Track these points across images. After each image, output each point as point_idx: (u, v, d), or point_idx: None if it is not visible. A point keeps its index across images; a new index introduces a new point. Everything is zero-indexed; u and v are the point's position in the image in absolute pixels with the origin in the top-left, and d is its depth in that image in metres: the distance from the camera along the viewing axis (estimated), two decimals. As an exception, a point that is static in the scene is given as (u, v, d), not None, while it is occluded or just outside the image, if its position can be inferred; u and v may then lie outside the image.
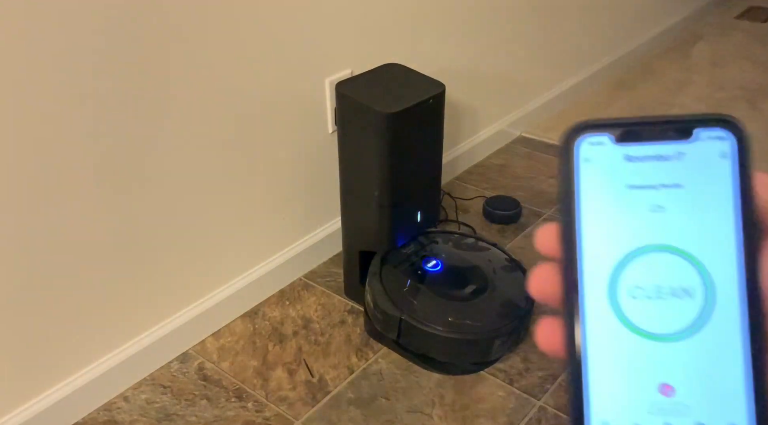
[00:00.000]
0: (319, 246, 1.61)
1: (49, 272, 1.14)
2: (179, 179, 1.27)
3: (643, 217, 0.27)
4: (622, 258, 0.27)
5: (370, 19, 1.52)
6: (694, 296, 0.27)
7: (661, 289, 0.27)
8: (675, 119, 0.27)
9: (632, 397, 0.27)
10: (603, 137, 0.28)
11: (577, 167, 0.28)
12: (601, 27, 2.46)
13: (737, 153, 0.27)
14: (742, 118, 0.28)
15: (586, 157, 0.28)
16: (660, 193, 0.27)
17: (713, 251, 0.27)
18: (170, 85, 1.19)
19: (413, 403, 1.28)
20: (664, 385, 0.26)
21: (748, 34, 2.99)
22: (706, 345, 0.26)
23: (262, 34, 1.30)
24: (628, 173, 0.27)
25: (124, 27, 1.09)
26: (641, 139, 0.27)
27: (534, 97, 2.23)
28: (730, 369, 0.26)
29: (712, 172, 0.27)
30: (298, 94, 1.42)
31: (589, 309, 0.27)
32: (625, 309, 0.27)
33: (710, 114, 0.27)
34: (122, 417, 1.26)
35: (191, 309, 1.40)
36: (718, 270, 0.26)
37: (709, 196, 0.27)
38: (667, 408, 0.26)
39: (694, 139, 0.27)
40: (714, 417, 0.26)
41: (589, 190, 0.27)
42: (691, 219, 0.27)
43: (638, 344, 0.27)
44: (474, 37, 1.86)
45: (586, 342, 0.27)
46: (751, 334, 0.26)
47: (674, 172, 0.27)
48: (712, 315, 0.26)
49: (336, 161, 1.40)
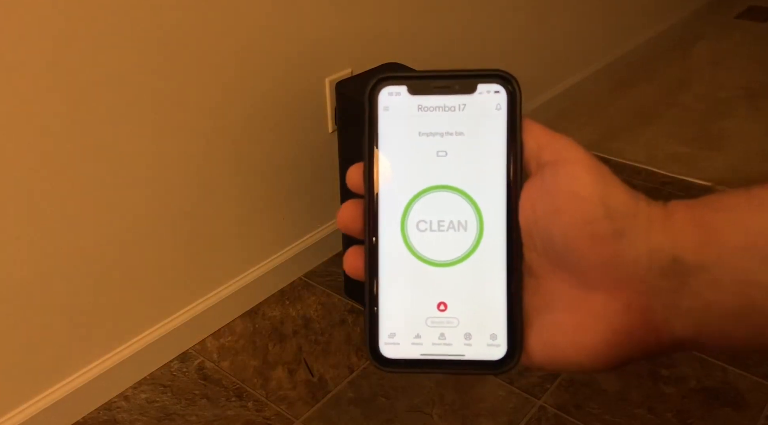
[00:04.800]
0: (319, 245, 1.61)
1: (49, 271, 1.14)
2: (179, 178, 1.27)
3: (430, 161, 0.31)
4: (412, 196, 0.31)
5: (370, 19, 1.52)
6: (468, 228, 0.31)
7: (441, 223, 0.31)
8: (461, 74, 0.31)
9: (415, 313, 0.31)
10: (401, 88, 0.31)
11: (378, 115, 0.31)
12: (602, 26, 2.46)
13: (509, 105, 0.30)
14: (742, 118, 0.28)
15: (385, 105, 0.31)
16: (444, 140, 0.31)
17: (485, 191, 0.31)
18: (170, 84, 1.19)
19: (413, 402, 1.28)
20: (441, 302, 0.31)
21: (748, 34, 2.99)
22: (475, 270, 0.31)
23: (262, 33, 1.30)
24: (419, 121, 0.31)
25: (123, 27, 1.09)
26: (432, 91, 0.31)
27: (534, 97, 2.23)
28: (493, 289, 0.31)
29: (489, 122, 0.31)
30: (298, 93, 1.42)
31: (383, 239, 0.31)
32: (412, 240, 0.31)
33: (489, 69, 0.31)
34: (122, 417, 1.26)
35: (191, 309, 1.40)
36: (489, 207, 0.31)
37: (485, 142, 0.31)
38: (442, 321, 0.31)
39: (477, 93, 0.31)
40: (479, 328, 0.31)
41: (387, 136, 0.31)
42: (469, 163, 0.31)
43: (422, 269, 0.31)
44: (473, 36, 1.86)
45: (379, 267, 0.31)
46: (508, 261, 0.30)
47: (457, 121, 0.31)
48: (480, 244, 0.31)
49: (336, 161, 1.40)
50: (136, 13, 1.10)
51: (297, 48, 1.37)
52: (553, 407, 1.26)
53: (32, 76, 1.01)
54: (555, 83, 2.31)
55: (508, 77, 0.31)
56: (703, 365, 1.33)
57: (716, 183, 1.90)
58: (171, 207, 1.28)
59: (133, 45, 1.11)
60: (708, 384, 1.30)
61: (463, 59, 1.84)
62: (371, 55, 1.50)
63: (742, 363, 1.33)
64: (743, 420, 1.23)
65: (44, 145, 1.06)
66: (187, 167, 1.27)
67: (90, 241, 1.17)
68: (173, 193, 1.27)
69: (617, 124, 2.27)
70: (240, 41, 1.27)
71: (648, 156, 2.06)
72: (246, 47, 1.28)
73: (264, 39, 1.31)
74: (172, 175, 1.26)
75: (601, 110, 2.36)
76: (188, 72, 1.20)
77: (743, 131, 2.19)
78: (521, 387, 1.30)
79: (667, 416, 1.24)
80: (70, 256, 1.15)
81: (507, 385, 1.30)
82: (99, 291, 1.22)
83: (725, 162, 2.02)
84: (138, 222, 1.23)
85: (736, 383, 1.30)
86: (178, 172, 1.26)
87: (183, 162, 1.26)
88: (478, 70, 0.31)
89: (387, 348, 0.31)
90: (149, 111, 1.18)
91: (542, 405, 1.27)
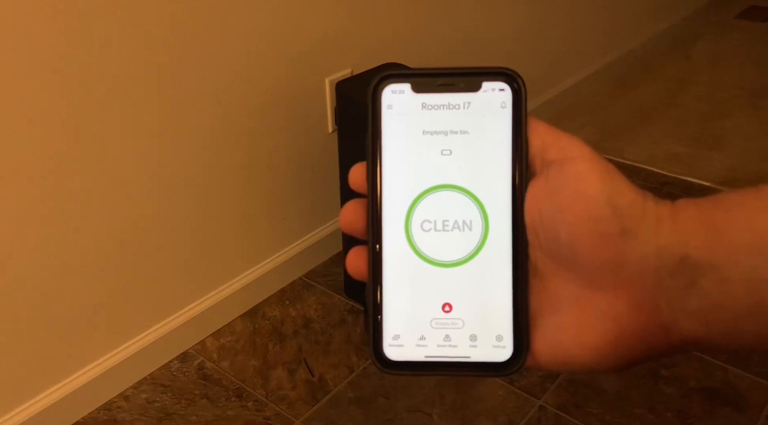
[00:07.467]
0: (319, 245, 1.61)
1: (49, 271, 1.14)
2: (178, 178, 1.27)
3: (434, 160, 0.30)
4: (416, 195, 0.31)
5: (370, 19, 1.52)
6: (473, 228, 0.30)
7: (446, 223, 0.30)
8: (466, 72, 0.30)
9: (419, 314, 0.30)
10: (404, 86, 0.31)
11: (381, 113, 0.31)
12: (601, 26, 2.46)
13: (514, 103, 0.30)
14: (743, 118, 0.28)
15: (388, 103, 0.31)
16: (449, 138, 0.30)
17: (490, 190, 0.30)
18: (170, 83, 1.19)
19: (413, 402, 1.28)
20: (446, 303, 0.30)
21: (748, 34, 2.99)
22: (480, 270, 0.30)
23: (262, 33, 1.30)
24: (423, 119, 0.31)
25: (123, 26, 1.09)
26: (436, 89, 0.31)
27: (534, 97, 2.23)
28: (498, 289, 0.30)
29: (494, 120, 0.30)
30: (298, 93, 1.42)
31: (387, 239, 0.31)
32: (416, 240, 0.31)
33: (494, 67, 0.30)
34: (122, 417, 1.26)
35: (191, 309, 1.40)
36: (494, 206, 0.30)
37: (489, 141, 0.30)
38: (447, 322, 0.30)
39: (482, 91, 0.30)
40: (484, 330, 0.30)
41: (391, 134, 0.31)
42: (473, 161, 0.30)
43: (426, 270, 0.30)
44: (473, 36, 1.86)
45: (383, 268, 0.31)
46: (513, 261, 0.30)
47: (462, 119, 0.30)
48: (485, 244, 0.30)
49: (336, 161, 1.40)
50: (136, 14, 1.09)
51: (297, 48, 1.37)
52: (553, 407, 1.26)
53: (33, 77, 1.01)
54: (555, 83, 2.31)
55: (513, 75, 0.30)
56: (703, 365, 1.33)
57: (716, 183, 1.90)
58: (171, 207, 1.28)
59: (133, 45, 1.11)
60: (708, 384, 1.30)
61: (463, 59, 1.84)
62: (371, 55, 1.50)
63: (742, 363, 1.33)
64: (743, 420, 1.23)
65: (42, 145, 1.06)
66: (187, 167, 1.27)
67: (90, 241, 1.17)
68: (173, 192, 1.27)
69: (617, 124, 2.27)
70: (240, 41, 1.27)
71: (648, 156, 2.06)
72: (246, 47, 1.28)
73: (264, 39, 1.31)
74: (172, 175, 1.26)
75: (601, 110, 2.36)
76: (188, 72, 1.20)
77: (743, 131, 2.19)
78: (521, 387, 1.30)
79: (667, 416, 1.24)
80: (69, 256, 1.15)
81: (507, 385, 1.30)
82: (99, 291, 1.22)
83: (725, 162, 2.02)
84: (138, 222, 1.23)
85: (736, 383, 1.30)
86: (177, 171, 1.26)
87: (182, 162, 1.26)
88: (483, 68, 0.30)
89: (391, 350, 0.30)
90: (149, 111, 1.17)
91: (542, 405, 1.27)
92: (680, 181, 1.94)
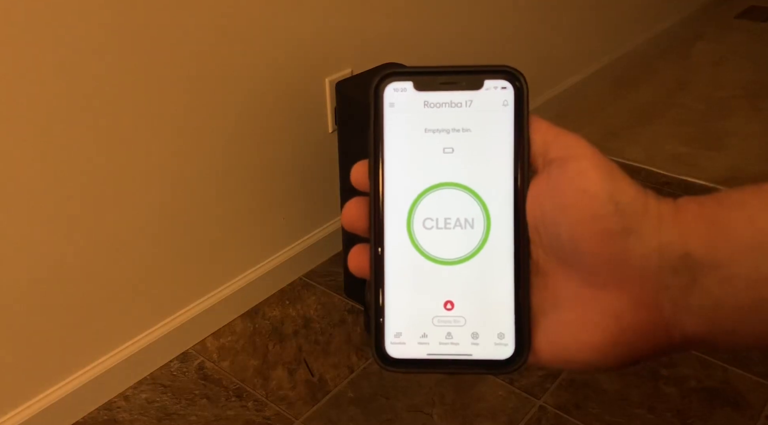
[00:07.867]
0: (319, 245, 1.61)
1: (49, 271, 1.14)
2: (178, 178, 1.27)
3: (436, 157, 0.30)
4: (418, 193, 0.31)
5: (370, 19, 1.52)
6: (474, 226, 0.30)
7: (448, 221, 0.30)
8: (468, 70, 0.30)
9: (421, 311, 0.30)
10: (406, 84, 0.31)
11: (383, 111, 0.31)
12: (601, 26, 2.46)
13: (516, 101, 0.30)
14: (743, 118, 0.28)
15: (390, 101, 0.31)
16: (451, 136, 0.30)
17: (492, 188, 0.30)
18: (170, 83, 1.19)
19: (413, 402, 1.28)
20: (448, 301, 0.30)
21: (748, 34, 2.99)
22: (482, 268, 0.30)
23: (262, 33, 1.30)
24: (425, 118, 0.31)
25: (122, 26, 1.09)
26: (438, 87, 0.31)
27: (534, 97, 2.23)
28: (500, 287, 0.30)
29: (496, 118, 0.30)
30: (298, 93, 1.42)
31: (389, 237, 0.31)
32: (418, 238, 0.31)
33: (496, 65, 0.30)
34: (122, 417, 1.26)
35: (191, 309, 1.40)
36: (496, 204, 0.30)
37: (491, 139, 0.30)
38: (449, 320, 0.30)
39: (484, 89, 0.30)
40: (486, 328, 0.30)
41: (393, 132, 0.31)
42: (475, 159, 0.30)
43: (428, 267, 0.31)
44: (473, 36, 1.86)
45: (385, 266, 0.31)
46: (515, 259, 0.30)
47: (464, 117, 0.30)
48: (487, 242, 0.30)
49: (336, 161, 1.40)
50: (136, 14, 1.09)
51: (297, 48, 1.37)
52: (553, 407, 1.26)
53: (34, 77, 1.01)
54: (555, 83, 2.31)
55: (515, 73, 0.30)
56: (703, 365, 1.33)
57: (716, 183, 1.90)
58: (170, 207, 1.28)
59: (133, 45, 1.11)
60: (708, 384, 1.30)
61: (463, 59, 1.84)
62: (371, 55, 1.50)
63: (742, 363, 1.33)
64: (743, 420, 1.23)
65: (43, 145, 1.06)
66: (186, 167, 1.27)
67: (90, 241, 1.17)
68: (173, 192, 1.27)
69: (617, 124, 2.27)
70: (240, 41, 1.27)
71: (648, 156, 2.06)
72: (246, 47, 1.28)
73: (264, 39, 1.31)
74: (172, 175, 1.26)
75: (601, 110, 2.36)
76: (188, 72, 1.20)
77: (743, 131, 2.19)
78: (521, 387, 1.30)
79: (667, 416, 1.24)
80: (69, 256, 1.15)
81: (507, 385, 1.30)
82: (99, 291, 1.22)
83: (725, 162, 2.02)
84: (138, 222, 1.23)
85: (736, 383, 1.30)
86: (177, 171, 1.26)
87: (182, 162, 1.26)
88: (485, 66, 0.30)
89: (393, 347, 0.30)
90: (148, 111, 1.17)
91: (542, 405, 1.27)
92: (680, 181, 1.94)
